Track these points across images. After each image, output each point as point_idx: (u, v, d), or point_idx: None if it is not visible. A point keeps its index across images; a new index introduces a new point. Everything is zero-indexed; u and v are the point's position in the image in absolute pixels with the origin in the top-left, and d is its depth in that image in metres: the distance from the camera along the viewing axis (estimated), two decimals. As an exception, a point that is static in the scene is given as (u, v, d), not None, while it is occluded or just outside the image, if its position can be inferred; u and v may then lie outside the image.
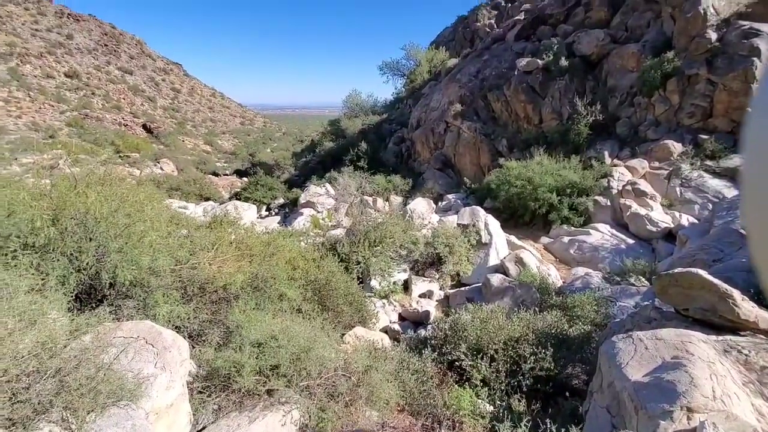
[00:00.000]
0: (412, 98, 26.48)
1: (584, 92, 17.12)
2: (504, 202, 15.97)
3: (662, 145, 14.30)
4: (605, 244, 13.17)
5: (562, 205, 14.54)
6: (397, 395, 3.85)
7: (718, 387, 2.72)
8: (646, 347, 3.32)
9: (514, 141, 18.57)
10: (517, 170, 15.79)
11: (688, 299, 4.32)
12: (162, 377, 2.60)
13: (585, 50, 17.49)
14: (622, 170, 14.53)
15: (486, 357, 5.00)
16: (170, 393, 2.62)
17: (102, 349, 2.43)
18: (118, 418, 2.08)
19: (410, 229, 12.87)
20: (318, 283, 6.98)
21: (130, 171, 32.89)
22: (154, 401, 2.45)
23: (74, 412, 1.88)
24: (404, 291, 11.62)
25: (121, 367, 2.46)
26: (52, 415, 1.86)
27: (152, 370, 2.60)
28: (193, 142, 59.86)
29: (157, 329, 2.87)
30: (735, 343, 3.87)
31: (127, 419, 2.09)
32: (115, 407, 2.14)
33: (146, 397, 2.39)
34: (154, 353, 2.70)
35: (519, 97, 18.44)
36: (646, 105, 15.26)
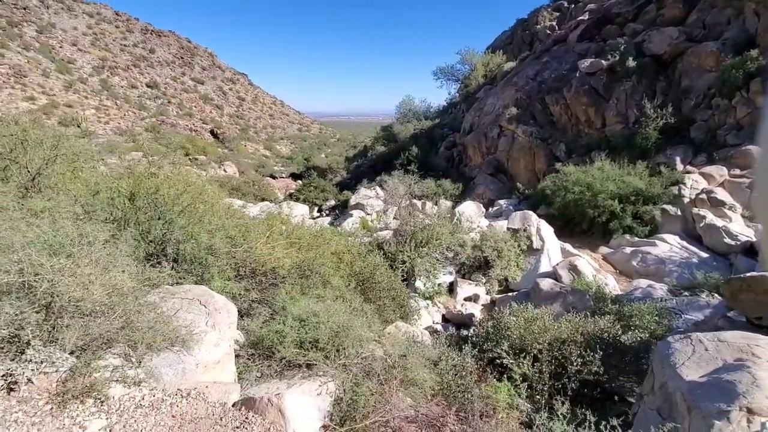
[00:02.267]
0: (466, 103, 26.19)
1: (654, 94, 15.97)
2: (560, 209, 15.24)
3: (744, 150, 12.94)
4: (673, 257, 12.12)
5: (624, 214, 13.60)
6: (432, 380, 3.82)
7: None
8: (705, 348, 3.02)
9: (573, 146, 17.71)
10: (576, 175, 15.03)
11: (761, 306, 3.88)
12: (211, 334, 2.80)
13: (656, 49, 16.34)
14: (697, 177, 13.32)
15: (529, 356, 4.80)
16: (218, 350, 2.82)
17: (164, 300, 2.67)
18: (171, 361, 2.29)
19: (458, 232, 12.69)
20: (362, 275, 7.11)
21: (197, 172, 35.57)
22: (203, 355, 2.65)
23: (134, 347, 2.10)
24: (449, 293, 11.46)
25: (177, 320, 2.70)
26: (116, 348, 2.09)
27: (203, 327, 2.82)
28: (254, 147, 63.44)
29: (210, 293, 3.11)
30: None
31: (179, 363, 2.29)
32: (169, 351, 2.35)
33: (197, 349, 2.60)
34: (206, 313, 2.92)
35: (580, 100, 17.60)
36: (726, 107, 13.92)
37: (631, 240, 13.31)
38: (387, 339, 6.27)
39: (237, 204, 23.40)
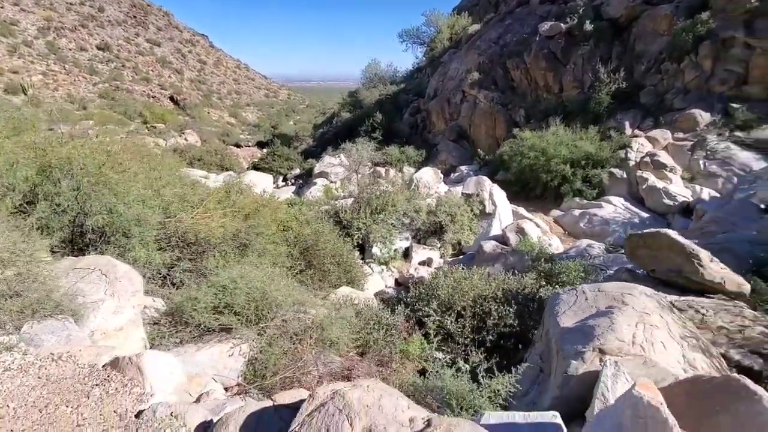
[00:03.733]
0: (431, 67, 25.80)
1: (609, 58, 16.19)
2: (516, 174, 15.63)
3: (688, 114, 13.47)
4: (617, 218, 12.76)
5: (575, 178, 14.09)
6: (348, 339, 4.02)
7: (641, 334, 2.69)
8: (586, 298, 3.30)
9: (532, 111, 17.93)
10: (531, 141, 15.32)
11: (655, 261, 4.21)
12: (110, 302, 2.84)
13: (613, 12, 16.41)
14: (643, 141, 13.84)
15: (453, 313, 5.08)
16: (119, 318, 2.86)
17: (63, 273, 2.67)
18: (54, 328, 2.32)
19: (415, 198, 12.87)
20: (306, 242, 7.17)
21: (155, 141, 33.97)
22: (98, 322, 2.70)
23: (17, 315, 2.12)
24: (405, 258, 11.76)
25: (74, 291, 2.71)
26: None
27: (101, 296, 2.84)
28: (218, 114, 60.88)
29: (113, 262, 3.11)
30: (695, 303, 3.78)
31: (63, 330, 2.32)
32: (53, 319, 2.38)
33: (92, 317, 2.64)
34: (106, 282, 2.93)
35: (539, 65, 17.65)
36: (674, 72, 14.32)
37: (581, 203, 13.86)
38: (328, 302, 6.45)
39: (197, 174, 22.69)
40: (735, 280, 3.96)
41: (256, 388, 3.10)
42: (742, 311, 3.64)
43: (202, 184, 9.64)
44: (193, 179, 10.85)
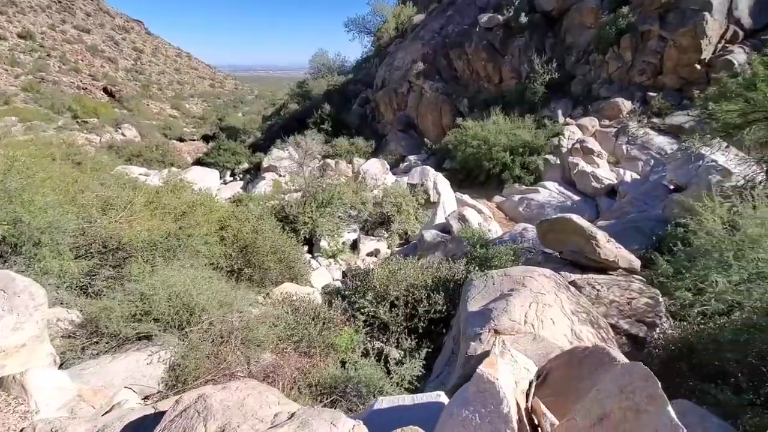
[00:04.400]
0: (379, 57, 25.81)
1: (543, 50, 16.97)
2: (461, 163, 16.14)
3: (612, 103, 14.49)
4: (552, 201, 13.59)
5: (514, 165, 14.78)
6: (276, 336, 4.10)
7: (533, 313, 3.00)
8: (493, 283, 3.59)
9: (475, 101, 18.49)
10: (474, 130, 15.87)
11: (562, 243, 4.62)
12: (8, 319, 2.72)
13: (546, 5, 17.18)
14: (573, 129, 14.75)
15: (387, 303, 5.28)
16: (19, 334, 2.76)
17: None
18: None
19: (362, 191, 12.99)
20: (244, 241, 7.09)
21: (88, 137, 31.60)
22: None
23: None
24: (353, 250, 11.89)
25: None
26: None
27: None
28: (159, 107, 57.46)
29: (11, 276, 2.97)
30: (593, 280, 4.21)
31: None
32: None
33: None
34: (3, 298, 2.81)
35: (480, 56, 18.19)
36: (600, 63, 15.30)
37: (520, 188, 14.60)
38: (267, 300, 6.45)
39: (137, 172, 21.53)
40: (627, 258, 4.44)
41: (176, 394, 3.11)
42: (630, 285, 4.11)
43: (139, 183, 9.19)
44: (131, 178, 10.32)
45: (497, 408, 1.43)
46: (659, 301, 4.05)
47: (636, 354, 4.13)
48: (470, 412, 1.47)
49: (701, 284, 4.90)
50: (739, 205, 4.51)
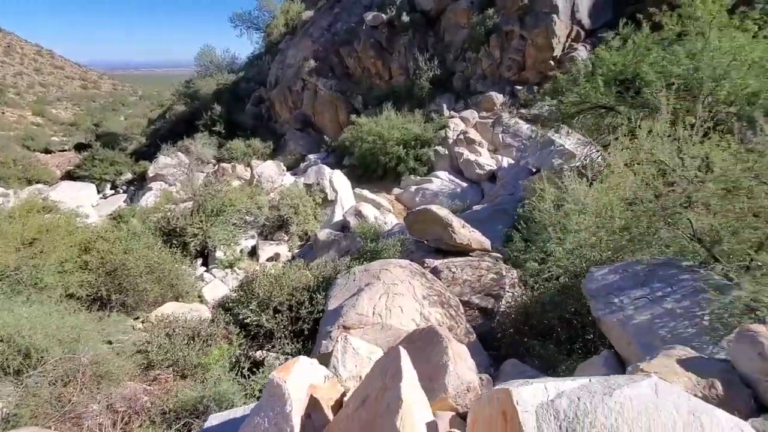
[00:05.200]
0: (270, 54, 25.02)
1: (426, 48, 17.98)
2: (359, 159, 16.53)
3: (487, 96, 15.96)
4: (444, 190, 14.58)
5: (408, 157, 15.55)
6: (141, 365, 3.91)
7: (382, 304, 3.29)
8: (354, 279, 3.84)
9: (368, 97, 18.96)
10: (368, 126, 16.32)
11: (426, 232, 5.08)
12: None
13: (425, 5, 18.17)
14: (457, 121, 15.96)
15: (271, 309, 5.29)
16: None
17: None
18: None
19: (257, 195, 12.61)
20: (114, 264, 6.50)
21: None
22: None
23: None
24: (252, 257, 11.54)
25: None
26: None
27: None
28: (18, 114, 48.98)
29: None
30: (451, 264, 4.70)
31: None
32: None
33: None
34: None
35: (368, 53, 18.66)
36: (475, 60, 16.70)
37: (416, 179, 15.41)
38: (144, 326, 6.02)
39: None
40: (479, 240, 5.04)
41: (9, 447, 2.81)
42: (480, 264, 4.69)
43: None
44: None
45: (282, 409, 1.58)
46: (503, 275, 4.70)
47: (488, 324, 4.72)
48: (261, 417, 1.60)
49: (544, 255, 5.76)
50: (562, 185, 5.37)
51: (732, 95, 5.96)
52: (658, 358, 2.11)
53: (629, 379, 1.49)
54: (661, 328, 2.70)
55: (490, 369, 3.64)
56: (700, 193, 3.16)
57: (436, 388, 2.48)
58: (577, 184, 5.12)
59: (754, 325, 2.03)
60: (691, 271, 2.97)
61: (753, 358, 1.90)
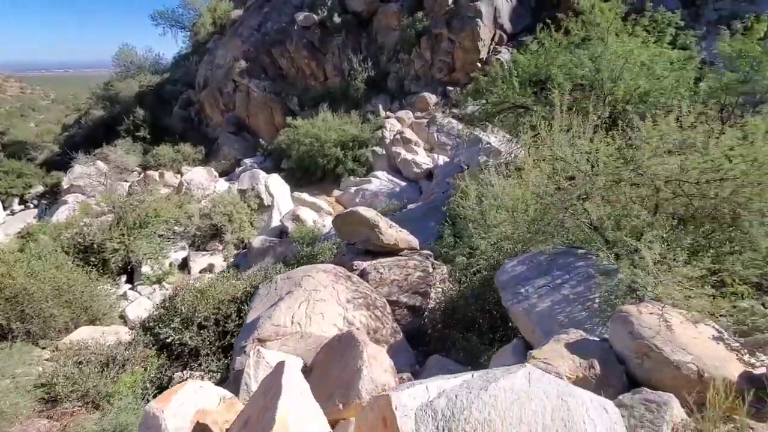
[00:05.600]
0: (198, 54, 23.75)
1: (360, 49, 18.03)
2: (297, 161, 16.22)
3: (421, 97, 16.34)
4: (383, 189, 14.71)
5: (346, 159, 15.51)
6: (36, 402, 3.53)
7: (302, 312, 3.25)
8: (276, 288, 3.75)
9: (304, 98, 18.64)
10: (305, 128, 16.08)
11: (354, 233, 5.08)
12: None
13: (356, 7, 18.20)
14: (393, 121, 16.17)
15: (195, 326, 5.01)
16: None
17: None
18: None
19: (186, 203, 11.93)
20: (13, 289, 5.81)
21: None
22: None
23: None
24: (183, 270, 10.90)
25: None
26: None
27: None
28: None
29: None
30: (379, 265, 4.75)
31: None
32: None
33: None
34: None
35: (302, 54, 18.35)
36: (408, 61, 17.02)
37: (355, 180, 15.41)
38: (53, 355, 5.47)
39: None
40: (406, 239, 5.14)
41: None
42: (407, 263, 4.78)
43: None
44: None
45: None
46: (430, 272, 4.84)
47: (417, 321, 4.83)
48: (138, 447, 1.50)
49: (471, 250, 5.98)
50: (482, 182, 5.62)
51: (627, 94, 6.59)
52: (549, 343, 2.26)
53: (506, 371, 1.57)
54: (560, 314, 2.91)
55: (416, 366, 3.71)
56: (592, 185, 3.44)
57: (351, 395, 2.48)
58: (496, 180, 5.38)
59: (627, 306, 2.24)
60: (585, 257, 3.23)
61: (624, 337, 2.10)
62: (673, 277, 2.40)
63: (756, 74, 5.95)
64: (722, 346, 2.05)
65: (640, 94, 6.59)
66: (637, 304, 2.25)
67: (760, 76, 5.87)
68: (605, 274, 2.81)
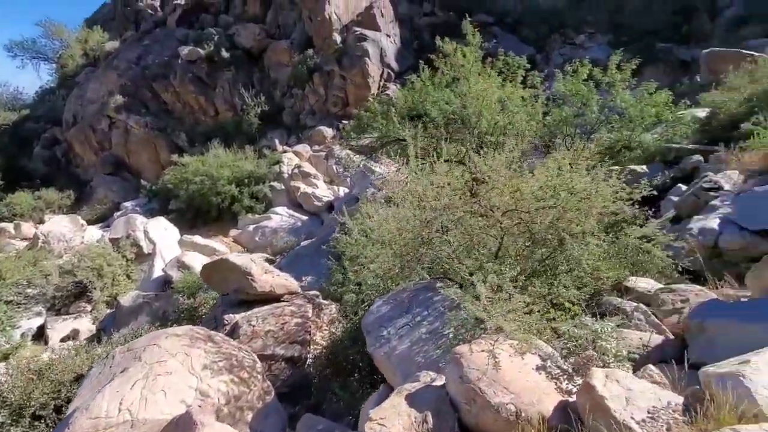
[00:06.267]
0: (65, 89, 21.14)
1: (252, 84, 17.66)
2: (187, 201, 15.02)
3: (318, 131, 16.41)
4: (284, 225, 14.20)
5: (243, 196, 14.77)
6: None
7: (136, 393, 2.79)
8: (111, 365, 3.21)
9: (193, 134, 17.53)
10: (194, 166, 15.05)
11: (226, 283, 4.67)
12: None
13: (245, 43, 17.93)
14: (291, 156, 15.92)
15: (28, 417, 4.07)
16: None
17: None
18: None
19: (43, 260, 10.15)
20: None
21: None
22: None
23: None
24: (38, 340, 9.13)
25: None
26: None
27: None
28: None
29: None
30: (252, 316, 4.39)
31: None
32: None
33: None
34: None
35: (188, 88, 17.37)
36: (302, 96, 17.08)
37: (253, 218, 14.68)
38: None
39: None
40: (283, 284, 4.87)
41: None
42: (284, 311, 4.50)
43: None
44: None
45: None
46: (309, 317, 4.60)
47: (299, 372, 4.52)
48: None
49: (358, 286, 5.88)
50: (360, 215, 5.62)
51: (490, 127, 7.27)
52: (391, 398, 2.18)
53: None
54: (418, 354, 2.88)
55: (286, 430, 3.40)
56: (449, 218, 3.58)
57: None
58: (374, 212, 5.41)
59: (460, 347, 2.26)
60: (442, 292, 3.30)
61: (456, 381, 2.10)
62: (504, 308, 2.52)
63: (586, 109, 7.01)
64: (544, 376, 2.15)
65: (501, 127, 7.31)
66: (471, 343, 2.29)
67: (588, 111, 6.91)
68: (454, 309, 2.87)
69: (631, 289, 3.56)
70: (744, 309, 2.49)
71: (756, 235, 3.71)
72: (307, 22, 17.97)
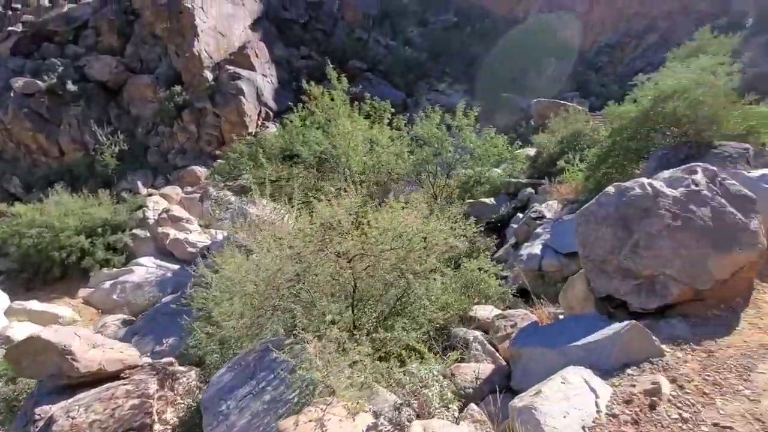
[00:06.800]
0: None
1: (108, 120, 15.74)
2: (20, 259, 12.47)
3: (190, 170, 15.18)
4: (150, 278, 12.50)
5: (95, 248, 12.71)
6: None
7: None
8: None
9: (32, 178, 14.78)
10: (29, 216, 12.61)
11: (41, 367, 3.78)
12: None
13: (99, 76, 16.06)
14: (157, 199, 14.36)
15: None
16: None
17: None
18: None
19: None
20: None
21: None
22: None
23: None
24: None
25: None
26: None
27: None
28: None
29: None
30: (75, 404, 3.59)
31: None
32: None
33: None
34: None
35: (23, 125, 14.74)
36: (170, 134, 15.77)
37: (110, 273, 12.66)
38: None
39: None
40: (118, 359, 4.14)
41: None
42: (115, 392, 3.79)
43: None
44: None
45: None
46: (150, 394, 3.94)
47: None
48: None
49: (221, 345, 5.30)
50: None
51: (359, 166, 7.51)
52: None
53: None
54: (258, 429, 2.60)
55: None
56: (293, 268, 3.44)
57: None
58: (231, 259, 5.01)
59: (285, 421, 2.08)
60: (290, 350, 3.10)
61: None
62: (342, 363, 2.43)
63: (443, 149, 7.71)
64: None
65: (368, 166, 7.60)
66: (298, 414, 2.13)
67: (445, 151, 7.62)
68: (292, 371, 2.68)
69: (473, 318, 3.81)
70: (549, 333, 2.80)
71: (567, 257, 4.38)
72: (174, 57, 16.93)
